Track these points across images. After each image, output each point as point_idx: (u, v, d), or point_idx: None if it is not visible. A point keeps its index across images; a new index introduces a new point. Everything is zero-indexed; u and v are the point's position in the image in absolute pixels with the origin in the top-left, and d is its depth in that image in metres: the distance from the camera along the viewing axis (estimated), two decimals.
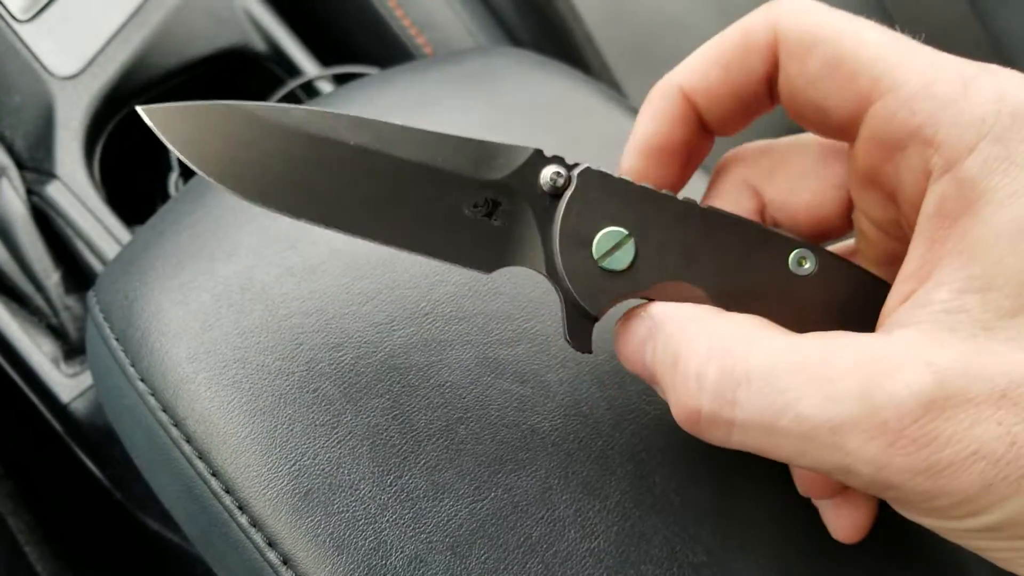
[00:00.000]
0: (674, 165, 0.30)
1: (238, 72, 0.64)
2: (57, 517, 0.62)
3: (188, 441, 0.32)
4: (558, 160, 0.28)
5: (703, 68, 0.28)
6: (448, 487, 0.32)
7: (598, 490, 0.32)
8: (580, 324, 0.28)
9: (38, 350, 0.54)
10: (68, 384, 0.53)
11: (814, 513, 0.33)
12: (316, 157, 0.28)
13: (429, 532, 0.31)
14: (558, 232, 0.27)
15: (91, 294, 0.37)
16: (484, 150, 0.28)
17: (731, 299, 0.27)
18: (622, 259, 0.27)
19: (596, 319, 0.28)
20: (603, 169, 0.28)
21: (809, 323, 0.26)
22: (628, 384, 0.34)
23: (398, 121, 0.39)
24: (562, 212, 0.28)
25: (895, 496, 0.23)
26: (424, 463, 0.32)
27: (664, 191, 0.28)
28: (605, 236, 0.27)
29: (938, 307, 0.22)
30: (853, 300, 0.28)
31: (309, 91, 0.62)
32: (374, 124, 0.28)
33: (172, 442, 0.33)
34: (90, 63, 0.60)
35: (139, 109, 0.28)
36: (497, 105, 0.41)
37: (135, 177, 0.63)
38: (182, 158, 0.28)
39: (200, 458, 0.32)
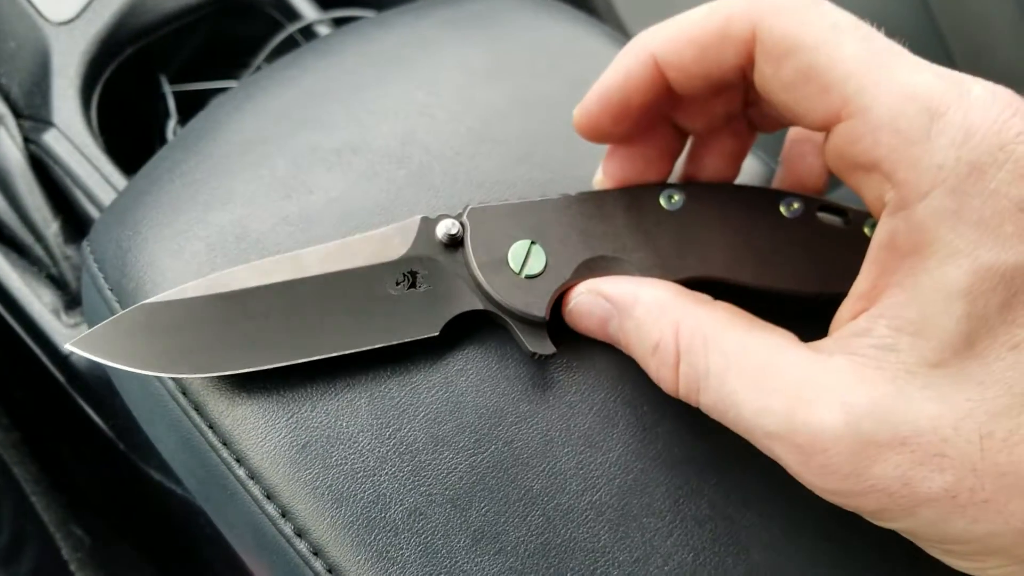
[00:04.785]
0: (628, 122, 0.31)
1: (236, 17, 0.63)
2: (63, 467, 0.62)
3: (184, 393, 0.32)
4: (444, 215, 0.32)
5: (679, 43, 0.28)
6: (448, 440, 0.31)
7: (600, 443, 0.32)
8: (535, 333, 0.31)
9: (38, 300, 0.54)
10: (69, 335, 0.53)
11: None
12: (242, 310, 0.30)
13: (429, 485, 0.31)
14: (476, 267, 0.31)
15: (85, 244, 0.37)
16: (381, 238, 0.32)
17: (632, 252, 0.31)
18: (537, 263, 0.31)
19: (546, 321, 0.31)
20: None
21: (691, 246, 0.31)
22: None
23: (398, 64, 0.38)
24: (471, 250, 0.31)
25: None
26: (423, 415, 0.31)
27: (540, 198, 0.32)
28: (514, 251, 0.31)
29: (874, 341, 0.24)
30: (723, 215, 0.32)
31: (308, 35, 0.61)
32: (279, 260, 0.31)
33: (168, 394, 0.32)
34: (85, 8, 0.58)
35: (69, 347, 0.30)
36: (497, 47, 0.40)
37: (133, 124, 0.62)
38: (130, 370, 0.29)
39: (196, 410, 0.32)
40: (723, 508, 0.32)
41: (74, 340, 0.29)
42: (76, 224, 0.56)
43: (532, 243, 0.31)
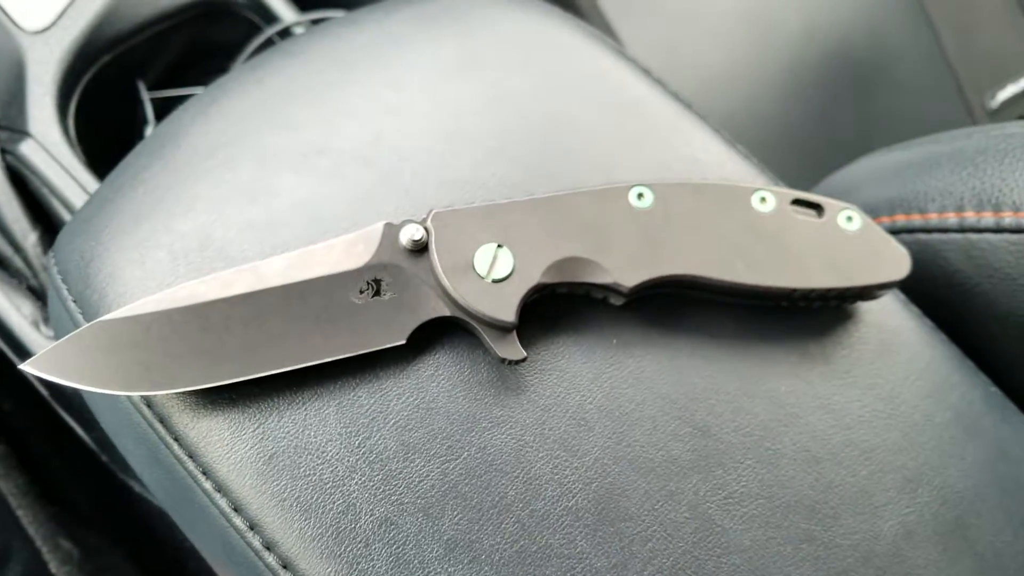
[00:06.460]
0: None
1: (214, 21, 0.62)
2: (49, 480, 0.61)
3: (149, 405, 0.31)
4: (408, 221, 0.31)
5: None
6: (419, 447, 0.30)
7: (575, 447, 0.31)
8: (504, 338, 0.31)
9: (17, 312, 0.53)
10: (48, 346, 0.52)
11: (802, 466, 0.32)
12: (201, 323, 0.29)
13: (400, 494, 0.30)
14: (442, 272, 0.30)
15: (51, 254, 0.36)
16: (344, 245, 0.31)
17: (601, 252, 0.31)
18: (504, 266, 0.30)
19: (515, 326, 0.30)
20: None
21: (662, 245, 0.31)
22: (606, 338, 0.33)
23: (366, 63, 0.38)
24: (436, 256, 0.30)
25: None
26: (394, 423, 0.31)
27: (506, 200, 0.31)
28: (480, 255, 0.30)
29: None
30: (694, 213, 0.32)
31: (285, 38, 0.60)
32: (239, 271, 0.30)
33: (133, 407, 0.32)
34: (60, 16, 0.58)
35: (23, 367, 0.29)
36: (467, 43, 0.39)
37: (112, 132, 0.61)
38: (91, 390, 0.29)
39: (161, 422, 0.31)
40: (703, 511, 0.31)
41: (30, 360, 0.29)
42: (55, 235, 0.56)
43: (499, 246, 0.30)
